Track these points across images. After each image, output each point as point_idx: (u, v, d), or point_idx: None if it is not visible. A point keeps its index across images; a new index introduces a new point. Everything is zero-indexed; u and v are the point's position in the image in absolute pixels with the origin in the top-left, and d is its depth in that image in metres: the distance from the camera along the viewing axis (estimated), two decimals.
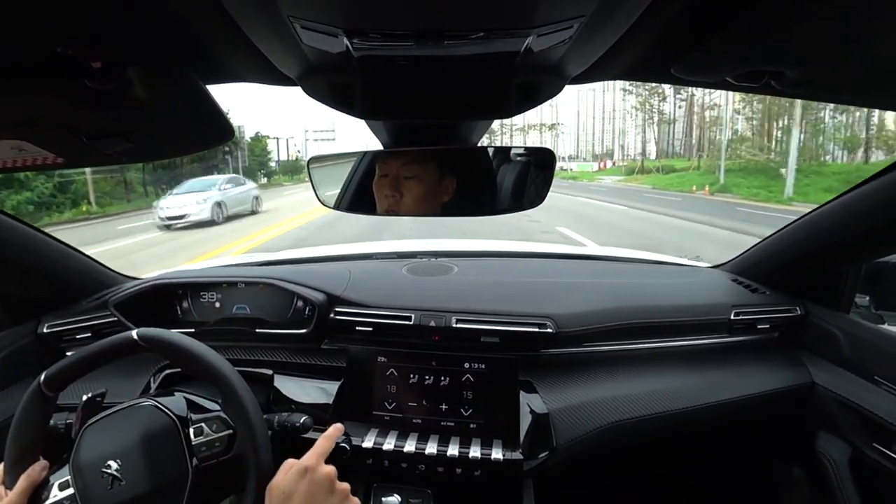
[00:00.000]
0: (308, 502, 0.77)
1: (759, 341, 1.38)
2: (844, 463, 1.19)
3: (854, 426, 1.17)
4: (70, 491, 0.82)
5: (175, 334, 0.88)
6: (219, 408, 0.89)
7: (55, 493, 0.82)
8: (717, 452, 1.64)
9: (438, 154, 0.93)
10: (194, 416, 0.86)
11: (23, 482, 0.81)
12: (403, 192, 0.92)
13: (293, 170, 50.60)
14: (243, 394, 0.86)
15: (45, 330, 1.28)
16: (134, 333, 0.87)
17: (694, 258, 1.83)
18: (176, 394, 0.91)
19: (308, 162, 1.00)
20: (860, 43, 0.54)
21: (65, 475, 0.84)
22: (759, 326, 1.35)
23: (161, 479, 0.80)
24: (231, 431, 0.84)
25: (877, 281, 1.43)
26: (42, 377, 0.86)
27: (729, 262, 1.61)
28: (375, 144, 0.98)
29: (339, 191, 1.00)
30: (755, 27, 0.52)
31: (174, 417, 0.85)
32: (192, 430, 0.84)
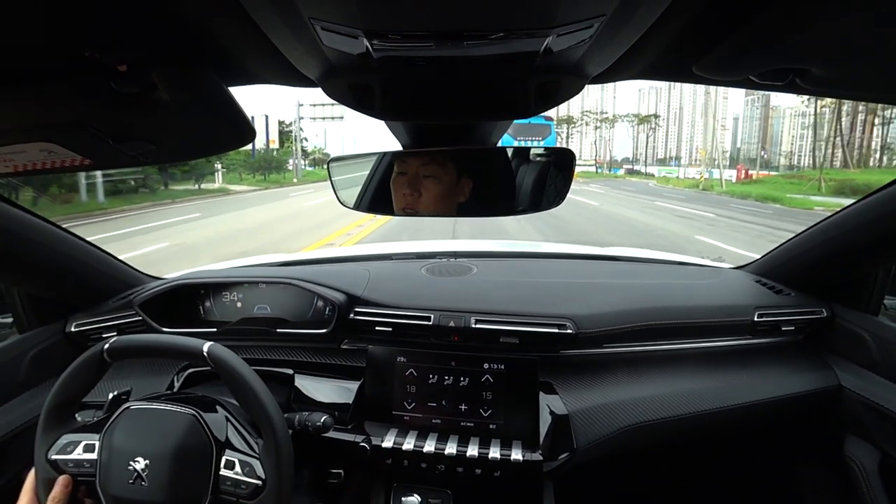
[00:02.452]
0: None
1: (783, 343, 1.36)
2: (874, 467, 1.16)
3: (883, 431, 1.14)
4: (93, 456, 0.85)
5: (242, 364, 0.89)
6: (256, 449, 0.88)
7: (79, 452, 0.86)
8: (740, 455, 1.62)
9: (458, 154, 0.93)
10: (229, 450, 0.86)
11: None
12: (422, 191, 0.92)
13: (265, 165, 31.94)
14: (285, 453, 0.86)
15: (72, 329, 1.31)
16: (205, 348, 0.88)
17: (716, 259, 1.81)
18: (218, 410, 0.92)
19: (328, 162, 1.01)
20: (890, 37, 0.53)
21: (94, 439, 0.87)
22: (783, 328, 1.33)
23: (179, 496, 0.82)
24: (259, 483, 0.84)
25: None
26: (108, 344, 0.89)
27: (752, 263, 1.59)
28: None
29: (358, 191, 1.01)
30: (780, 23, 0.51)
31: (212, 440, 0.85)
32: (223, 460, 0.85)
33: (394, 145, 0.98)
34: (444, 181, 0.92)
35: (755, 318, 1.30)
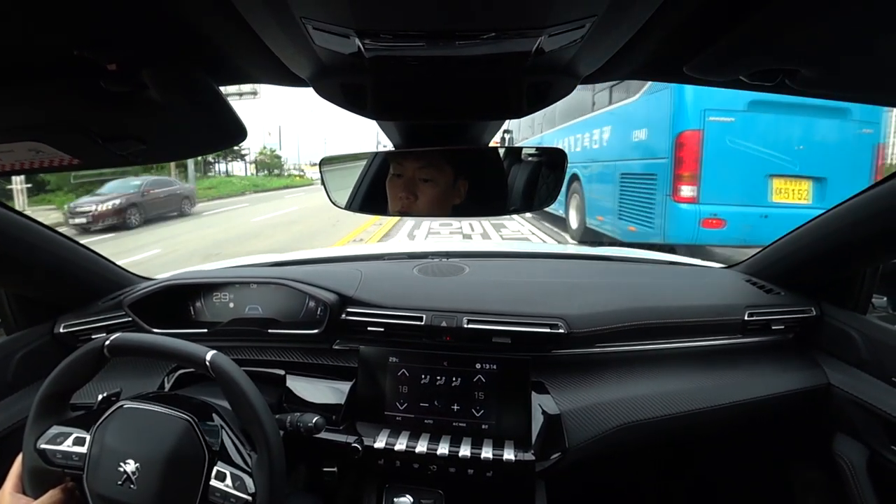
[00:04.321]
0: None
1: (773, 342, 1.37)
2: (862, 465, 1.17)
3: (871, 428, 1.16)
4: (82, 450, 0.85)
5: (245, 378, 0.88)
6: (249, 463, 0.87)
7: (68, 444, 0.86)
8: (731, 454, 1.63)
9: (453, 156, 0.93)
10: (221, 461, 0.85)
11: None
12: (419, 194, 0.92)
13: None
14: (278, 471, 0.85)
15: (61, 330, 1.30)
16: (208, 356, 0.87)
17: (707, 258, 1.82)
18: (214, 418, 0.91)
19: (320, 162, 1.00)
20: (879, 39, 0.53)
21: (84, 433, 0.86)
22: (773, 327, 1.34)
23: (166, 503, 0.81)
24: (249, 499, 0.82)
25: (894, 282, 1.41)
26: (110, 340, 0.88)
27: (742, 262, 1.60)
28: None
29: (350, 191, 1.00)
30: (769, 24, 0.52)
31: (205, 449, 0.84)
32: (215, 471, 0.84)
33: (367, 146, 0.96)
34: (440, 184, 0.92)
35: (746, 318, 1.31)
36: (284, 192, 28.11)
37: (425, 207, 0.93)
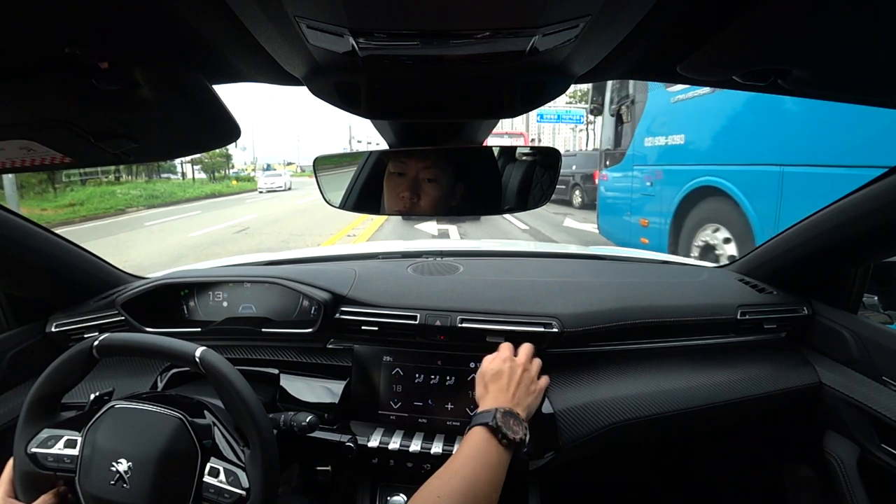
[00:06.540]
0: (510, 377, 1.00)
1: (766, 341, 1.37)
2: (852, 463, 1.18)
3: (862, 426, 1.16)
4: (74, 452, 0.84)
5: (236, 374, 0.88)
6: (242, 458, 0.87)
7: (59, 447, 0.85)
8: (723, 453, 1.63)
9: (451, 155, 0.92)
10: (214, 457, 0.85)
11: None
12: (422, 194, 0.92)
13: None
14: (271, 465, 0.85)
15: (52, 329, 1.29)
16: (197, 353, 0.86)
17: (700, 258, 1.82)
18: (206, 415, 0.90)
19: (314, 161, 1.00)
20: (870, 40, 0.54)
21: (76, 435, 0.86)
22: (765, 326, 1.34)
23: (160, 501, 0.81)
24: (243, 493, 0.82)
25: (885, 280, 1.42)
26: (98, 340, 0.88)
27: (735, 261, 1.60)
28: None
29: (344, 190, 1.00)
30: (761, 25, 0.52)
31: (198, 446, 0.84)
32: (208, 467, 0.83)
33: (341, 142, 0.96)
34: (443, 184, 0.92)
35: (738, 317, 1.32)
36: (190, 205, 21.50)
37: (428, 207, 0.93)
